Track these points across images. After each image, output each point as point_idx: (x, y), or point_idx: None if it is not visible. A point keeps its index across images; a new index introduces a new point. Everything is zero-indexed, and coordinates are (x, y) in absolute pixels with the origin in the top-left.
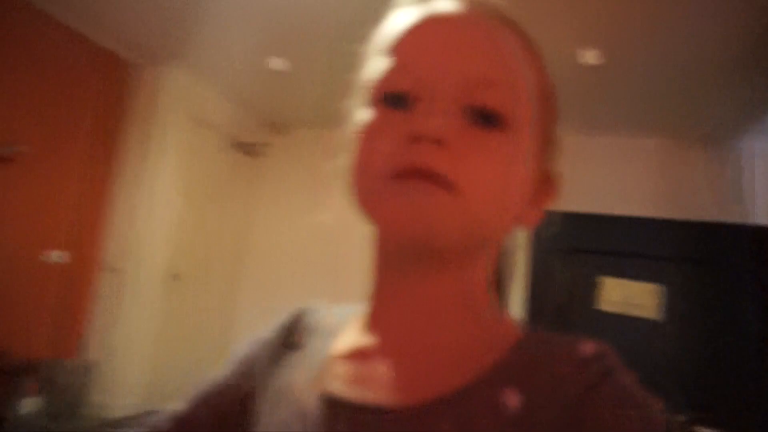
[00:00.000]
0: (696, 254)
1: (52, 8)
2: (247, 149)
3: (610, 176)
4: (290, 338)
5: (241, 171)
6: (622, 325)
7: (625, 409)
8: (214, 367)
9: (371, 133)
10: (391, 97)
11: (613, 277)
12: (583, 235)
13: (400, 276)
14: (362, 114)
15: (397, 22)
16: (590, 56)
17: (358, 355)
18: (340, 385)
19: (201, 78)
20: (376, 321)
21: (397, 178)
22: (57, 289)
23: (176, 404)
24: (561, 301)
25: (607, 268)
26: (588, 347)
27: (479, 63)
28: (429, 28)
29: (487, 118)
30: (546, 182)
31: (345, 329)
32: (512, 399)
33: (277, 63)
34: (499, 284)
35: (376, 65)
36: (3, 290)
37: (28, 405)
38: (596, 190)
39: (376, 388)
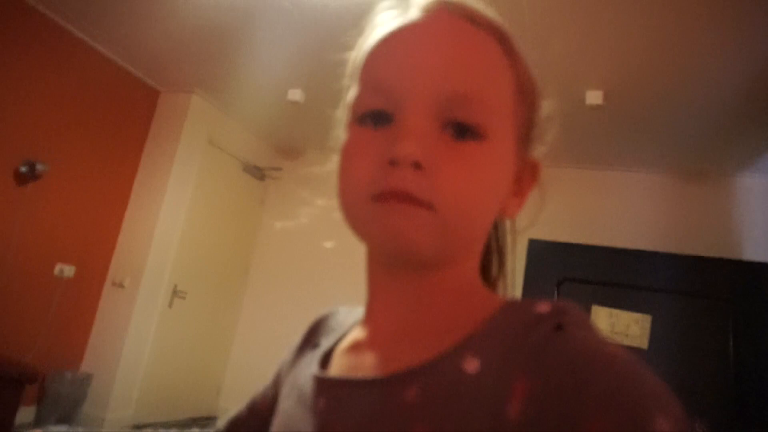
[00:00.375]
0: (684, 286)
1: (85, 33)
2: (258, 174)
3: (609, 209)
4: (311, 339)
5: (251, 194)
6: None
7: (575, 361)
8: (210, 384)
9: (352, 154)
10: (368, 116)
11: (604, 306)
12: (576, 264)
13: (390, 278)
14: (344, 135)
15: (370, 39)
16: (595, 96)
17: (354, 347)
18: (336, 372)
19: (220, 106)
20: (370, 317)
21: (379, 201)
22: (64, 302)
23: (233, 409)
24: None
25: (598, 298)
26: (543, 306)
27: (450, 76)
28: (398, 42)
29: (463, 131)
30: (527, 170)
31: (356, 327)
32: (472, 365)
33: (295, 94)
34: (491, 264)
35: (354, 85)
36: (15, 301)
37: (25, 415)
38: (595, 221)
39: (359, 369)
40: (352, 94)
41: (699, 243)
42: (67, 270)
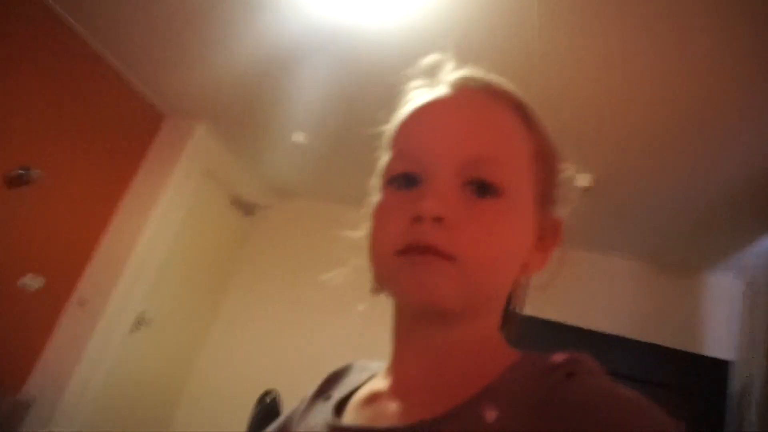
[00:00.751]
0: (655, 377)
1: (95, 43)
2: (247, 209)
3: (584, 290)
4: (324, 391)
5: (237, 228)
6: None
7: (585, 404)
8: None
9: (382, 214)
10: (397, 180)
11: None
12: (546, 342)
13: (415, 331)
14: (375, 198)
15: (401, 113)
16: (583, 179)
17: (372, 397)
18: (352, 420)
19: (222, 137)
20: (393, 368)
21: (404, 254)
22: (24, 317)
23: None
24: None
25: None
26: (558, 356)
27: (471, 142)
28: (426, 114)
29: (483, 189)
30: (550, 229)
31: (372, 379)
32: (490, 413)
33: (298, 137)
34: (509, 317)
35: (385, 154)
36: None
37: None
38: (567, 300)
39: (381, 418)
40: (384, 160)
41: (665, 333)
42: (36, 282)
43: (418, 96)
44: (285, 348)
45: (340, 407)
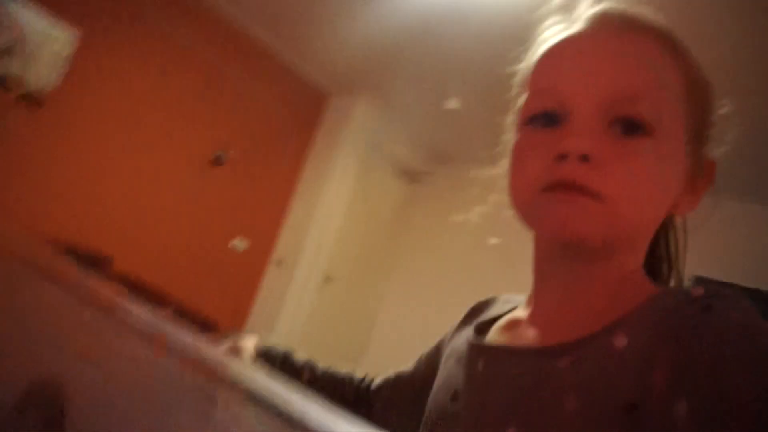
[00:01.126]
0: None
1: (265, 37)
2: (412, 177)
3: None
4: (470, 319)
5: (403, 195)
6: None
7: (719, 336)
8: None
9: (523, 152)
10: (537, 118)
11: None
12: None
13: (555, 267)
14: (514, 136)
15: (539, 49)
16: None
17: (512, 323)
18: (492, 341)
19: (381, 109)
20: (532, 301)
21: (549, 191)
22: (236, 273)
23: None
24: None
25: None
26: (697, 290)
27: (615, 79)
28: (566, 50)
29: (631, 127)
30: (702, 169)
31: (515, 310)
32: (621, 340)
33: (451, 103)
34: (664, 258)
35: (523, 92)
36: (193, 272)
37: None
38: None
39: (518, 341)
40: (522, 99)
41: None
42: (243, 243)
43: (554, 32)
44: (452, 299)
45: (482, 330)
